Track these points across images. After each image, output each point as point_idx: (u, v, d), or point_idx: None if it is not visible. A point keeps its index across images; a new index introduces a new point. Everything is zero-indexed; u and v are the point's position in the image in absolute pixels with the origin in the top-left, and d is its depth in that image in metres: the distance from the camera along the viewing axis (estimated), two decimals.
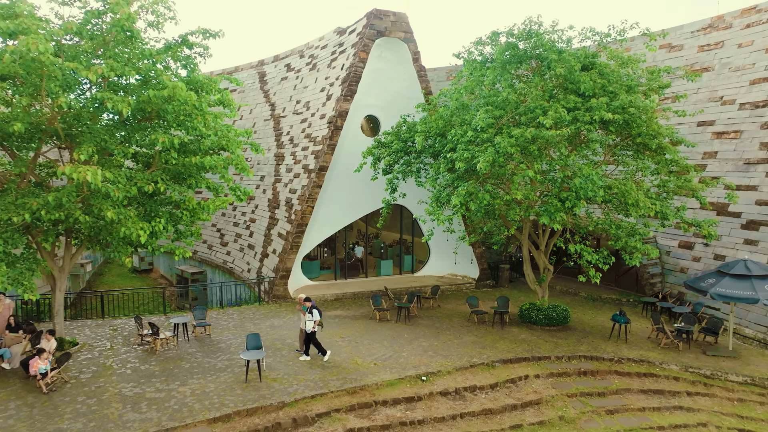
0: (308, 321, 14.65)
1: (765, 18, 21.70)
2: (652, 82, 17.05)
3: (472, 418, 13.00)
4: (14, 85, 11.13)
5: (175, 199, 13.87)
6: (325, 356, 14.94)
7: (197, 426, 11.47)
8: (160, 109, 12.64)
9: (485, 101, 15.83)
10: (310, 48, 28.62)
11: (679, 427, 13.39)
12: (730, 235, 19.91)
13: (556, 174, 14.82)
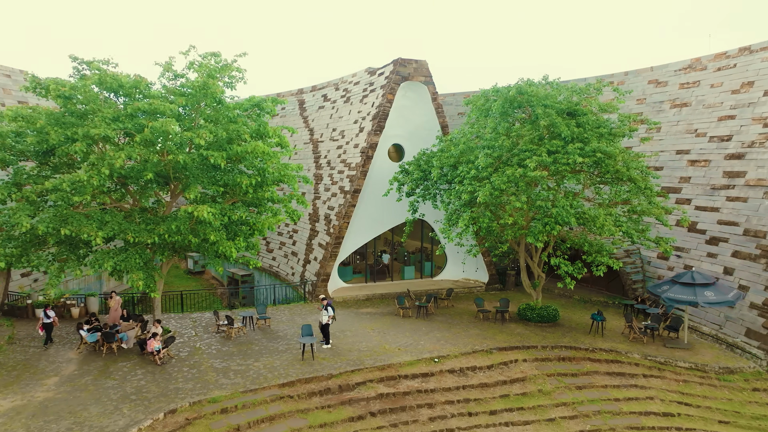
0: (324, 315, 19.14)
1: (732, 63, 25.47)
2: (622, 126, 21.08)
3: (471, 389, 17.35)
4: (146, 145, 15.84)
5: (251, 222, 18.53)
6: (327, 345, 19.29)
7: (271, 388, 16.10)
8: (242, 158, 17.34)
9: (486, 144, 20.16)
10: (344, 82, 33.21)
11: (631, 399, 17.51)
12: (697, 249, 23.79)
13: (540, 203, 19.05)
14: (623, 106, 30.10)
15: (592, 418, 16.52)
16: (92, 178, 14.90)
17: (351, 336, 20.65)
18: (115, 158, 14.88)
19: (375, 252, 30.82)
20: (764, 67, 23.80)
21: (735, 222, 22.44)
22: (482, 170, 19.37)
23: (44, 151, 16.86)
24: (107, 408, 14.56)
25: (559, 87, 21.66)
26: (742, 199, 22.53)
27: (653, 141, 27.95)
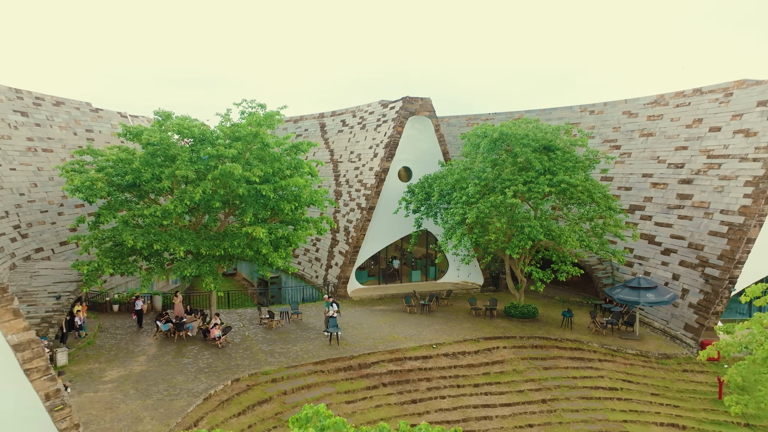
0: (331, 310, 24.30)
1: (687, 101, 30.24)
2: (586, 160, 25.98)
3: (461, 368, 22.40)
4: (215, 182, 21.04)
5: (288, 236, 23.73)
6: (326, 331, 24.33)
7: (307, 365, 21.28)
8: (284, 188, 22.56)
9: (476, 174, 25.21)
10: (360, 111, 38.38)
11: (586, 377, 22.47)
12: (654, 258, 28.61)
13: (517, 223, 24.06)
14: (601, 133, 35.10)
15: (553, 391, 21.52)
16: (177, 207, 20.21)
17: (367, 328, 25.79)
18: (195, 193, 20.17)
19: (387, 258, 35.91)
20: (711, 107, 28.57)
21: (682, 236, 27.26)
22: (472, 196, 24.43)
23: (134, 184, 22.20)
24: (188, 377, 19.85)
25: (537, 127, 26.59)
26: (688, 217, 27.34)
27: (625, 164, 32.79)
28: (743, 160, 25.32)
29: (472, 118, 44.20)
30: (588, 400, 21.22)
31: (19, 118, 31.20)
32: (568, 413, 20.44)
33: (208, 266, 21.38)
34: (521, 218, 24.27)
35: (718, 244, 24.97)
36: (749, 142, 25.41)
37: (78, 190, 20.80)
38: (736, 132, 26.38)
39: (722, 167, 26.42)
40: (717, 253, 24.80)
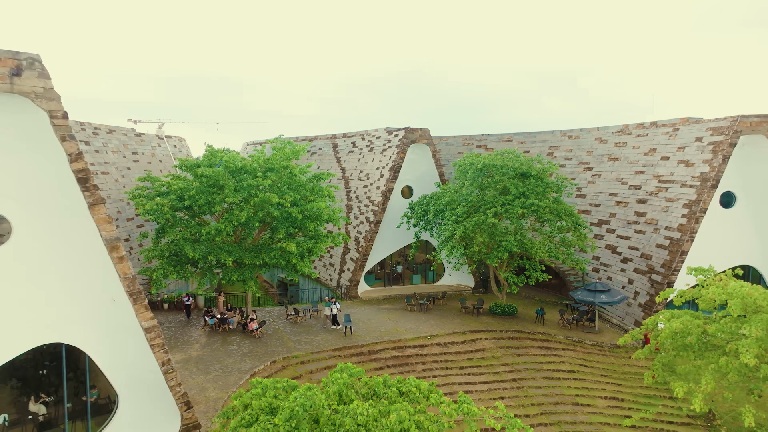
0: (334, 308, 29.85)
1: (646, 132, 35.68)
2: (557, 184, 31.48)
3: (449, 354, 28.00)
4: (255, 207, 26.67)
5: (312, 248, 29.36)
6: (333, 326, 29.87)
7: (327, 351, 26.94)
8: (309, 211, 28.23)
9: (463, 197, 30.82)
10: (368, 135, 43.99)
11: (550, 362, 28.00)
12: (615, 265, 34.10)
13: (496, 238, 29.65)
14: (577, 155, 40.58)
15: (522, 372, 27.08)
16: (226, 227, 25.94)
17: (374, 323, 31.42)
18: (240, 216, 25.88)
19: (391, 263, 41.53)
20: (663, 139, 34.02)
21: (637, 248, 32.75)
22: (460, 216, 30.05)
23: (189, 206, 27.90)
24: (236, 359, 25.56)
25: (515, 157, 32.08)
26: (642, 232, 32.83)
27: (596, 184, 38.28)
28: (683, 186, 30.80)
29: (467, 139, 49.72)
30: (549, 380, 26.77)
31: (84, 147, 37.04)
32: (532, 389, 26.01)
33: (249, 272, 27.13)
34: (500, 233, 29.82)
35: (662, 255, 30.47)
36: (688, 171, 30.88)
37: (148, 213, 26.53)
38: (679, 161, 31.85)
39: (668, 191, 31.89)
40: (660, 263, 30.31)
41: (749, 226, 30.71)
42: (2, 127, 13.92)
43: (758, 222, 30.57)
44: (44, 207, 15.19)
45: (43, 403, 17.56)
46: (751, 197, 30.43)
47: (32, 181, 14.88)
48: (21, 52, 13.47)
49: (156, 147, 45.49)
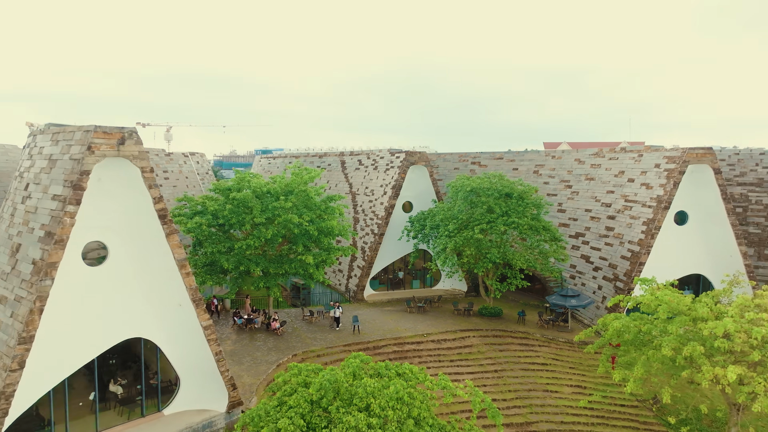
0: (337, 311, 34.92)
1: (616, 156, 40.70)
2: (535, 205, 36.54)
3: (442, 350, 33.15)
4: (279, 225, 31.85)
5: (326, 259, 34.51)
6: (338, 327, 34.98)
7: (339, 346, 32.12)
8: (325, 228, 33.43)
9: (455, 215, 35.97)
10: (373, 154, 49.14)
11: (528, 356, 33.11)
12: (588, 273, 39.15)
13: (482, 250, 34.76)
14: (560, 174, 45.62)
15: (503, 365, 32.19)
16: (255, 242, 31.14)
17: (378, 323, 36.57)
18: (267, 233, 31.08)
19: (394, 270, 46.67)
20: (630, 163, 39.04)
21: (606, 258, 37.82)
22: (452, 232, 35.21)
23: (222, 224, 33.07)
24: (263, 353, 30.76)
25: (500, 180, 37.13)
26: (610, 244, 37.90)
27: (575, 200, 43.32)
28: (643, 205, 35.85)
29: (463, 156, 54.83)
30: (525, 371, 31.88)
31: None
32: (510, 378, 31.13)
33: (273, 280, 32.37)
34: (486, 247, 34.95)
35: (625, 265, 35.54)
36: (648, 192, 35.92)
37: (190, 231, 31.76)
38: (641, 184, 36.89)
39: (632, 209, 36.95)
40: (623, 272, 35.38)
41: (700, 240, 35.75)
42: (109, 180, 19.14)
43: (707, 237, 35.60)
44: (133, 236, 20.43)
45: (120, 385, 22.84)
46: (700, 216, 35.47)
47: (126, 217, 20.12)
48: (125, 127, 18.71)
49: (182, 164, 50.83)
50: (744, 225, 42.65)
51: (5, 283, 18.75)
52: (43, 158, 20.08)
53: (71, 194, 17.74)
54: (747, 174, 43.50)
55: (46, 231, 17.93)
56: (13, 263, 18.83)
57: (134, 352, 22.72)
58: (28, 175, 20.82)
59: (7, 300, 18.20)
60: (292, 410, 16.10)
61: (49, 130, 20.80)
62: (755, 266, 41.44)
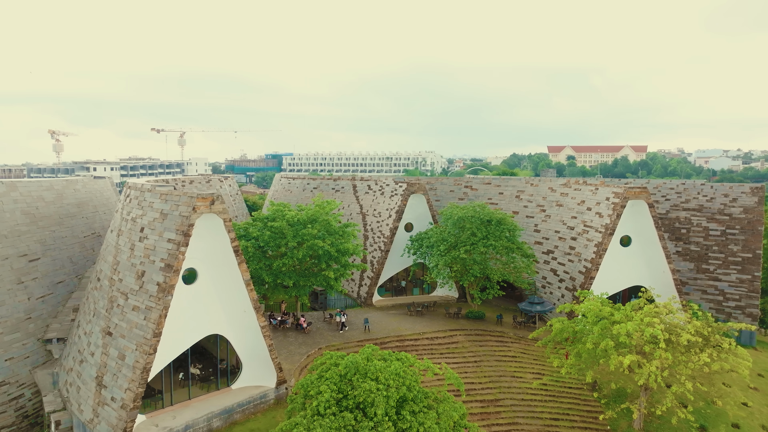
0: (342, 317, 44.02)
1: (580, 188, 49.63)
2: (510, 231, 45.56)
3: (433, 345, 42.30)
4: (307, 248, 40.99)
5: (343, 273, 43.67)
6: (341, 330, 44.08)
7: (354, 342, 41.35)
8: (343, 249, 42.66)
9: (445, 239, 45.12)
10: (380, 181, 58.26)
11: (502, 351, 42.17)
12: (554, 284, 48.13)
13: (466, 266, 43.87)
14: (536, 199, 54.62)
15: (481, 357, 41.27)
16: (289, 261, 40.38)
17: (385, 323, 45.70)
18: (299, 254, 40.33)
19: (397, 279, 55.80)
20: (589, 194, 47.94)
21: (568, 272, 46.81)
22: (442, 251, 44.36)
23: (262, 247, 42.29)
24: (295, 346, 40.00)
25: (482, 209, 46.15)
26: (572, 261, 46.87)
27: (547, 222, 52.28)
28: (596, 231, 44.81)
29: (457, 180, 63.97)
30: (498, 362, 40.93)
31: None
32: (486, 367, 40.19)
33: (303, 290, 41.66)
34: (469, 263, 44.05)
35: (581, 279, 44.52)
36: (599, 220, 44.89)
37: None
38: (596, 213, 45.85)
39: (588, 233, 45.92)
40: (579, 285, 44.35)
41: (640, 258, 44.67)
42: (203, 228, 28.43)
43: (645, 256, 44.50)
44: (215, 264, 29.73)
45: (197, 368, 32.14)
46: (640, 239, 44.40)
47: (211, 251, 29.41)
48: (214, 193, 27.99)
49: (219, 188, 60.31)
50: (687, 244, 51.57)
51: (136, 297, 28.09)
52: (155, 211, 29.42)
53: (182, 239, 27.08)
54: (690, 201, 52.39)
55: (166, 263, 27.26)
56: (140, 284, 28.18)
57: (208, 345, 32.01)
58: (142, 221, 30.16)
59: (140, 309, 27.54)
60: (328, 380, 25.25)
61: (155, 190, 30.15)
62: (695, 277, 50.40)
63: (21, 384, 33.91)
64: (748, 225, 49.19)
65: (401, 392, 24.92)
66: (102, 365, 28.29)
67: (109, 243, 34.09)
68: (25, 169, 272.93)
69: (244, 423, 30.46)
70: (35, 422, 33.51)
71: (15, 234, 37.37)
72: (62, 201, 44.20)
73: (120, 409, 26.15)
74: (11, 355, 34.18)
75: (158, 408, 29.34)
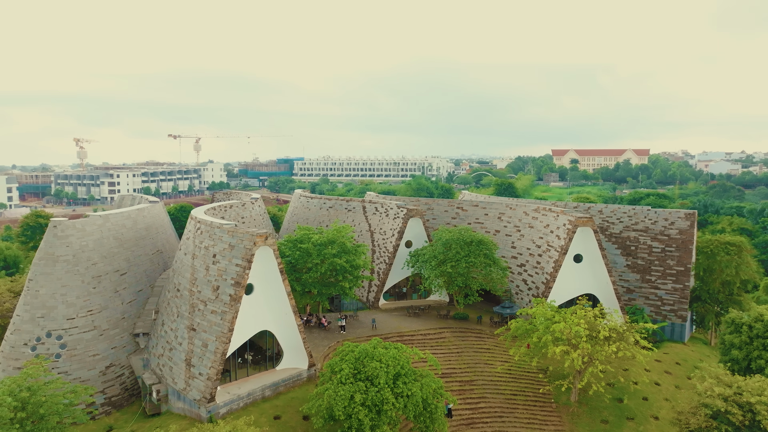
0: (342, 321, 56.12)
1: (546, 213, 61.47)
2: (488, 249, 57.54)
3: (425, 339, 54.41)
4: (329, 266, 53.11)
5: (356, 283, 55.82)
6: (342, 332, 56.15)
7: (363, 337, 53.54)
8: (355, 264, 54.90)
9: (435, 256, 57.24)
10: (385, 205, 70.34)
11: (479, 344, 54.21)
12: (524, 292, 60.04)
13: (452, 278, 55.94)
14: (513, 221, 66.59)
15: (463, 349, 53.32)
16: (314, 274, 52.67)
17: (387, 323, 57.78)
18: (322, 269, 52.60)
19: (399, 286, 67.84)
20: (552, 219, 59.74)
21: (535, 282, 58.69)
22: (433, 267, 56.49)
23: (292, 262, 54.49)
24: (319, 340, 52.24)
25: (466, 232, 58.10)
26: (538, 273, 58.80)
27: (522, 240, 64.15)
28: (555, 250, 56.67)
29: (451, 202, 76.00)
30: (476, 353, 52.94)
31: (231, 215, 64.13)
32: (466, 357, 52.21)
33: (324, 297, 54.01)
34: (454, 276, 56.08)
35: (543, 288, 56.42)
36: (558, 242, 56.74)
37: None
38: (556, 236, 57.70)
39: (550, 252, 57.79)
40: (542, 293, 56.25)
41: (589, 272, 56.46)
42: (259, 255, 40.74)
43: (593, 271, 56.31)
44: (266, 280, 42.03)
45: (251, 354, 44.50)
46: (589, 257, 56.21)
47: (263, 271, 41.69)
48: (266, 231, 40.30)
49: (251, 209, 72.84)
50: (635, 258, 63.32)
51: (213, 304, 40.42)
52: (224, 243, 41.72)
53: (246, 264, 39.38)
54: (639, 223, 64.11)
55: (235, 281, 39.55)
56: (216, 295, 40.50)
57: (259, 338, 44.29)
58: (213, 249, 42.44)
59: (217, 312, 39.87)
60: (347, 361, 37.36)
61: (223, 228, 42.46)
62: (640, 286, 62.17)
63: (122, 366, 46.45)
64: (682, 244, 60.87)
65: (396, 369, 37.03)
66: (189, 351, 40.69)
67: (183, 263, 46.42)
68: (52, 175, 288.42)
69: (287, 393, 42.75)
70: (132, 394, 45.97)
71: (111, 255, 49.87)
72: (136, 226, 56.72)
73: (206, 381, 38.52)
74: (115, 345, 46.72)
75: (227, 381, 41.70)
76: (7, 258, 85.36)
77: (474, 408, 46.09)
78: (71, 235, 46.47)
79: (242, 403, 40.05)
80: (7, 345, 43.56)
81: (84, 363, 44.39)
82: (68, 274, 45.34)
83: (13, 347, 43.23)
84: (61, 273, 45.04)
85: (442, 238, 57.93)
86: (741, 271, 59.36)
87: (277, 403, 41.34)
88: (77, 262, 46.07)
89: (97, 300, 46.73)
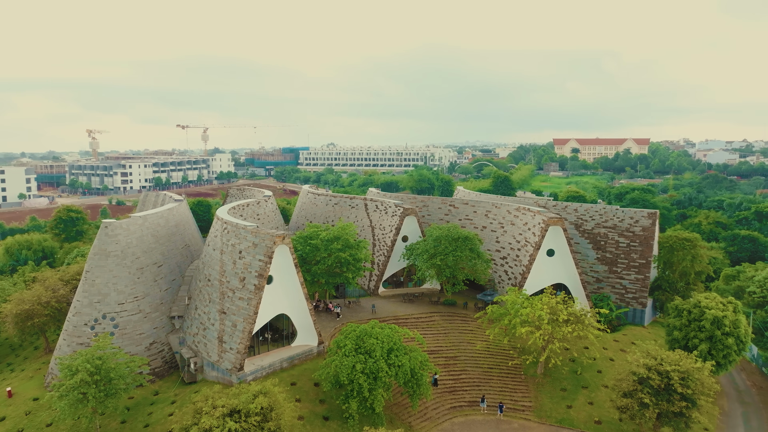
0: (337, 309, 65.02)
1: (525, 213, 70.01)
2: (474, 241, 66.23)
3: (418, 322, 63.37)
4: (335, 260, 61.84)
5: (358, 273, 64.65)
6: (339, 317, 65.05)
7: (365, 320, 62.54)
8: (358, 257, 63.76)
9: (426, 250, 66.00)
10: (385, 203, 78.94)
11: (464, 326, 63.15)
12: (505, 281, 68.76)
13: (440, 270, 64.73)
14: (499, 218, 75.24)
15: (450, 330, 62.22)
16: (322, 266, 61.55)
17: (386, 308, 66.64)
18: (329, 261, 61.46)
19: (397, 276, 76.60)
20: (530, 219, 68.26)
21: (514, 273, 67.39)
22: (425, 260, 65.28)
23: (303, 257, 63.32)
24: (327, 322, 61.25)
25: (455, 229, 66.70)
26: (517, 266, 67.39)
27: (504, 236, 72.76)
28: (530, 246, 65.25)
29: (444, 200, 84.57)
30: (461, 333, 61.83)
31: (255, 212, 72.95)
32: (452, 336, 61.10)
33: (330, 285, 62.95)
34: (443, 267, 64.82)
35: (520, 278, 65.14)
36: (533, 238, 65.33)
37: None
38: (532, 233, 66.26)
39: (526, 247, 66.39)
40: (519, 283, 64.97)
41: (561, 265, 65.08)
42: (278, 251, 49.58)
43: (563, 264, 64.91)
44: (283, 272, 50.94)
45: (269, 334, 53.54)
46: (560, 252, 64.78)
47: (281, 264, 50.57)
48: (284, 232, 49.13)
49: (265, 206, 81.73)
50: (604, 252, 71.88)
51: (240, 292, 49.35)
52: (248, 242, 50.54)
53: (268, 260, 48.22)
54: (608, 221, 72.57)
55: (258, 273, 48.43)
56: (242, 285, 49.41)
57: (277, 321, 53.27)
58: (239, 246, 51.26)
59: (244, 299, 48.82)
60: (350, 338, 46.25)
61: (246, 229, 51.25)
62: (607, 277, 70.85)
63: (162, 343, 55.63)
64: (644, 240, 69.38)
65: (390, 345, 45.99)
66: (221, 330, 49.75)
67: (212, 257, 55.29)
68: (66, 165, 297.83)
69: (300, 365, 51.84)
70: (171, 366, 55.17)
71: (150, 250, 58.84)
72: (168, 224, 65.64)
73: (236, 354, 47.58)
74: (156, 325, 55.86)
75: (251, 355, 50.80)
76: (45, 249, 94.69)
77: (456, 379, 55.13)
78: (119, 234, 55.41)
79: (264, 372, 49.17)
80: (70, 325, 52.77)
81: (133, 340, 53.59)
82: (118, 266, 54.37)
83: (75, 327, 52.44)
84: (112, 265, 54.07)
85: (433, 235, 66.64)
86: (695, 263, 67.99)
87: (293, 372, 50.45)
88: (125, 257, 55.07)
89: (140, 288, 55.80)
